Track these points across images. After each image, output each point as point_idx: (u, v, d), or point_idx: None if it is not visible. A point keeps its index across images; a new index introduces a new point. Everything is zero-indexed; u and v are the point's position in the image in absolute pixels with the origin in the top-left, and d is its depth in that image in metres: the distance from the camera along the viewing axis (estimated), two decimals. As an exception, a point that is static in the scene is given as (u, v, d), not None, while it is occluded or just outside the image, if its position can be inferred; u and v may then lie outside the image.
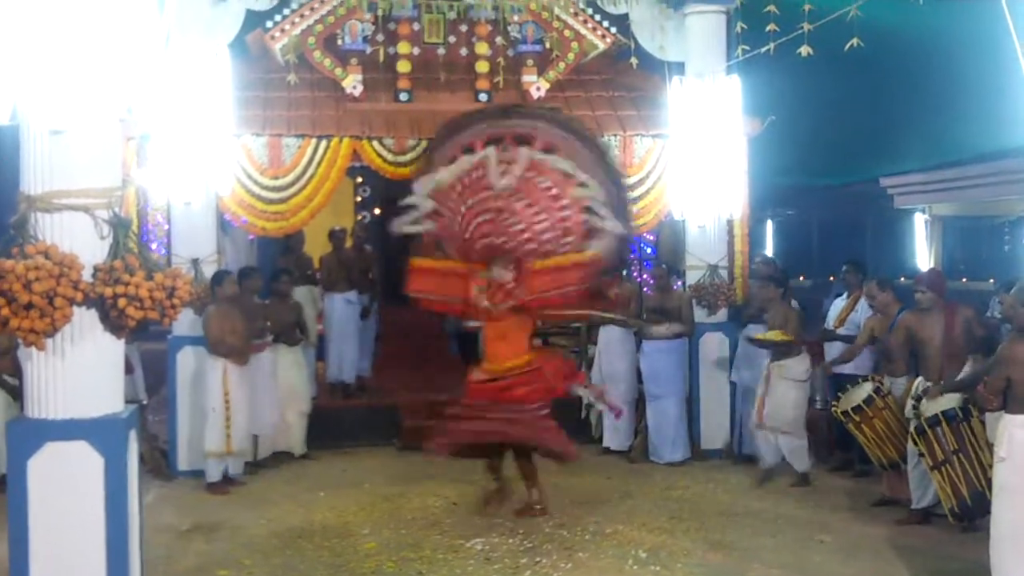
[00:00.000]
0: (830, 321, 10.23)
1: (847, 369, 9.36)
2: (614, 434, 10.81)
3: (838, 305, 10.25)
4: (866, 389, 8.41)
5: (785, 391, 9.20)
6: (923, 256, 15.23)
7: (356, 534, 8.03)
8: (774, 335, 9.31)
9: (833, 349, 10.02)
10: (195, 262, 9.82)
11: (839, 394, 8.82)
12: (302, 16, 10.32)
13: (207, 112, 9.20)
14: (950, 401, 7.38)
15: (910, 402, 7.73)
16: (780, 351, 9.28)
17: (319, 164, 10.13)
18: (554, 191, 8.11)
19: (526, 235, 8.06)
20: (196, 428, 9.54)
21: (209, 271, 9.71)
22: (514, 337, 8.24)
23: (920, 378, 7.95)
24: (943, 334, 7.79)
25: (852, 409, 8.32)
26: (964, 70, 10.22)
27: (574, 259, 8.13)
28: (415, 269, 8.53)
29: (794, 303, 9.95)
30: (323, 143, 10.16)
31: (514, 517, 8.33)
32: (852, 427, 8.47)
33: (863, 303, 9.71)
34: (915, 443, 7.38)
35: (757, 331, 9.91)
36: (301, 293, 11.50)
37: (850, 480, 9.49)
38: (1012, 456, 5.81)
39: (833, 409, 8.68)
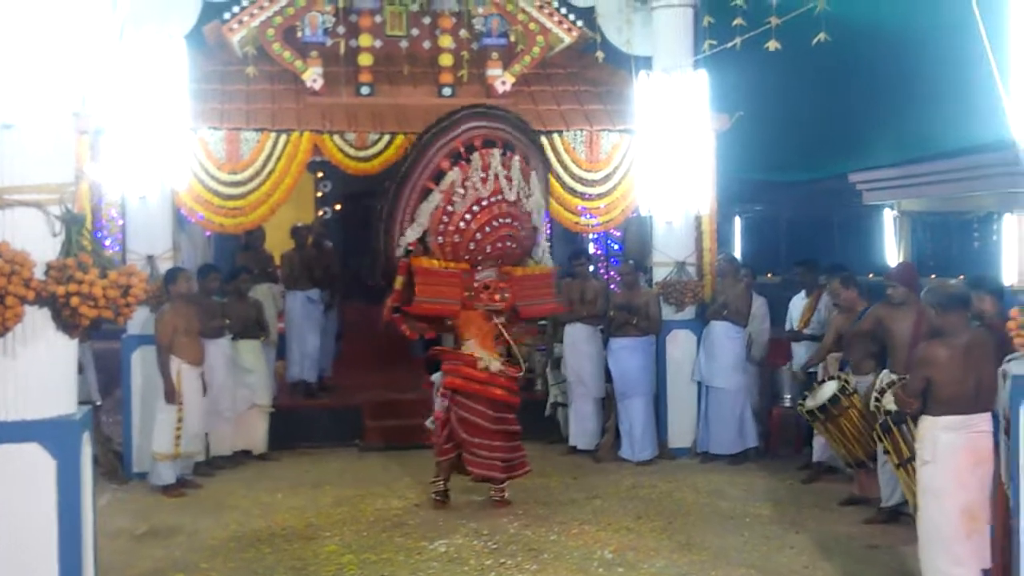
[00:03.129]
0: (793, 321, 10.35)
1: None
2: (581, 433, 10.86)
3: (798, 304, 10.36)
4: (831, 388, 8.49)
5: None
6: (892, 252, 15.33)
7: (318, 536, 8.02)
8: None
9: (800, 349, 10.14)
10: (150, 259, 9.77)
11: (805, 392, 8.91)
12: (260, 7, 10.28)
13: (163, 105, 9.14)
14: None
15: (873, 395, 7.80)
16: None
17: (278, 159, 10.11)
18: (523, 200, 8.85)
19: (528, 242, 8.93)
20: (150, 430, 9.48)
21: (165, 268, 9.67)
22: (490, 340, 8.80)
23: (884, 371, 8.02)
24: (913, 329, 7.83)
25: (818, 408, 8.40)
26: (933, 64, 10.31)
27: (542, 270, 9.17)
28: (422, 271, 8.71)
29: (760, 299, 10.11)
30: (282, 137, 10.13)
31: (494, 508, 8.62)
32: (818, 426, 8.56)
33: (824, 301, 9.82)
34: (880, 440, 7.46)
35: (722, 327, 10.14)
36: (261, 291, 11.46)
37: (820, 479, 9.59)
38: (936, 459, 5.92)
39: (799, 408, 8.76)
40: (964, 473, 5.90)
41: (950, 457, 5.92)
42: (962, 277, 10.08)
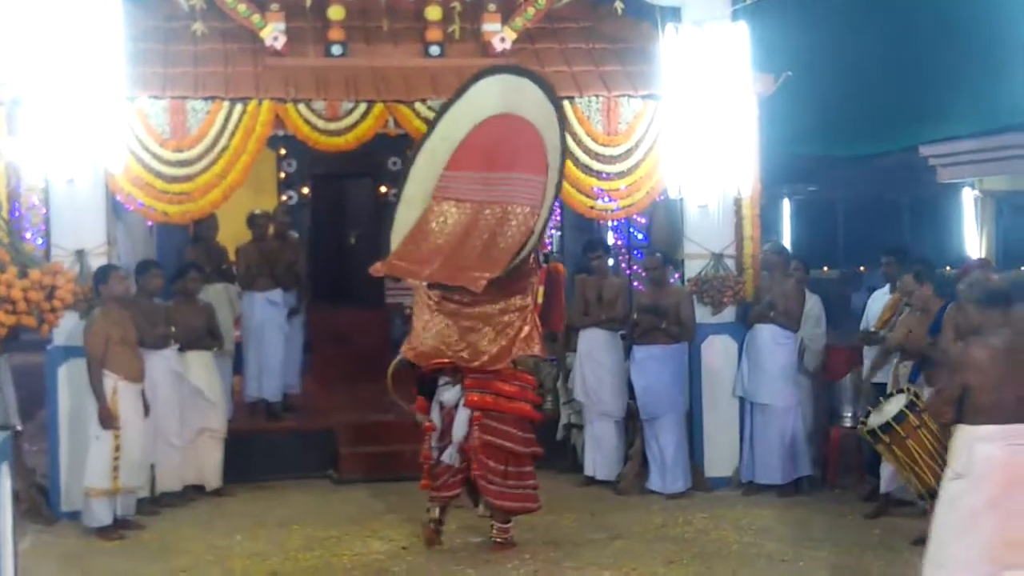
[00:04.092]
0: (870, 321, 10.31)
1: (879, 377, 9.49)
2: (600, 460, 10.87)
3: (879, 301, 10.32)
4: (898, 403, 8.48)
5: None
6: (972, 240, 15.37)
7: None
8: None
9: (874, 355, 10.08)
10: (80, 255, 9.77)
11: (869, 408, 8.91)
12: (210, -50, 10.33)
13: (93, 70, 9.14)
14: None
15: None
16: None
17: (233, 133, 10.12)
18: None
19: None
20: (82, 460, 9.49)
21: (97, 265, 9.67)
22: None
23: None
24: None
25: (880, 428, 8.38)
26: (1019, 17, 10.34)
27: None
28: (559, 285, 9.13)
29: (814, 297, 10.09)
30: (238, 107, 10.14)
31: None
32: (882, 449, 8.54)
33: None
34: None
35: (768, 332, 10.12)
36: (214, 292, 11.47)
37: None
38: (970, 474, 6.07)
39: (860, 428, 8.75)
40: (1000, 494, 6.02)
41: (985, 473, 6.04)
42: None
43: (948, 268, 14.31)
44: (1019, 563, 6.00)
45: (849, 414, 10.71)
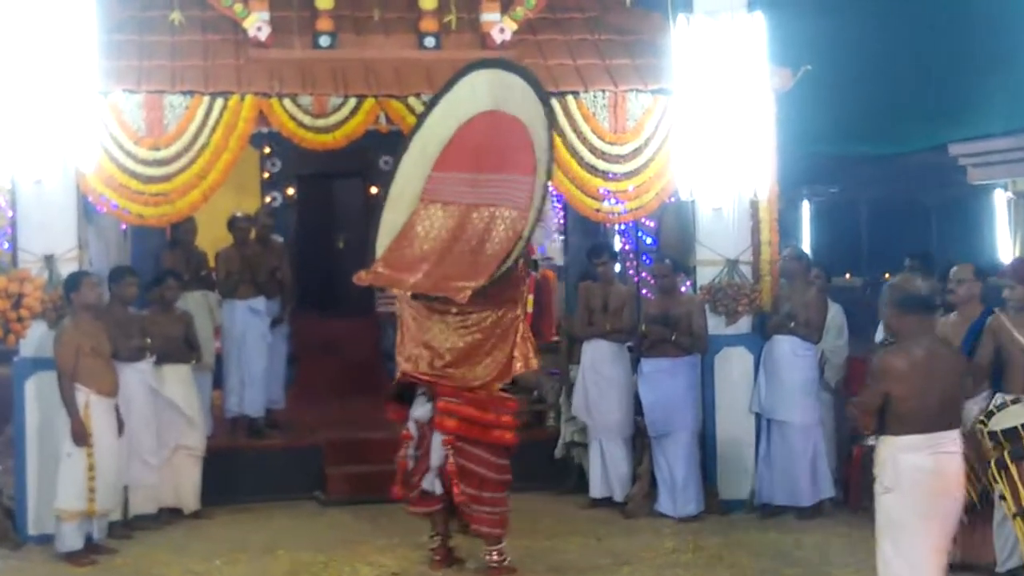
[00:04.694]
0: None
1: None
2: (605, 481, 10.88)
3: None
4: None
5: None
6: (1005, 244, 15.37)
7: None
8: None
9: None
10: (49, 260, 9.77)
11: None
12: (188, -65, 10.36)
13: (63, 62, 9.16)
14: None
15: (979, 418, 7.81)
16: None
17: (213, 130, 10.14)
18: None
19: None
20: (51, 479, 9.50)
21: (68, 272, 9.68)
22: None
23: (999, 395, 8.04)
24: None
25: None
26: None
27: None
28: (549, 291, 9.00)
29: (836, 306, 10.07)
30: (218, 103, 10.16)
31: None
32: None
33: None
34: (995, 481, 7.46)
35: (788, 344, 10.10)
36: (193, 300, 11.48)
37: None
38: (899, 486, 6.34)
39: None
40: (934, 501, 6.31)
41: (914, 483, 6.31)
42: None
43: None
44: (941, 566, 6.37)
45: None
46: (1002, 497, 7.47)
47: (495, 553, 8.81)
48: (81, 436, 9.16)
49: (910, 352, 6.39)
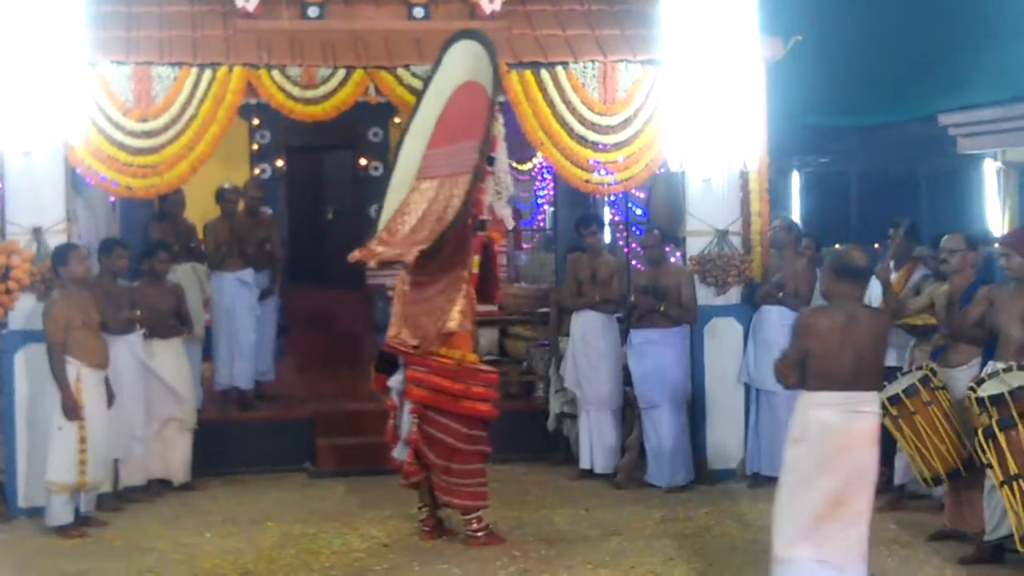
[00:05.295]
0: (875, 300, 10.34)
1: (889, 361, 9.56)
2: (595, 452, 10.91)
3: (882, 278, 10.34)
4: (912, 377, 8.55)
5: None
6: (995, 214, 15.38)
7: (257, 588, 8.08)
8: (921, 318, 9.35)
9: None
10: (37, 232, 9.77)
11: (884, 383, 8.97)
12: (174, -99, 10.32)
13: (51, 33, 9.12)
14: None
15: (969, 385, 7.85)
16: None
17: (201, 102, 10.12)
18: None
19: None
20: (41, 452, 9.50)
21: (56, 244, 9.66)
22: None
23: (991, 363, 8.07)
24: None
25: (888, 399, 8.46)
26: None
27: None
28: (496, 254, 9.33)
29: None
30: (206, 74, 10.14)
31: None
32: (889, 423, 8.59)
33: (919, 274, 9.84)
34: (982, 450, 7.50)
35: (777, 314, 10.10)
36: (182, 272, 11.48)
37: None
38: (806, 439, 6.62)
39: None
40: (835, 455, 6.55)
41: (821, 437, 6.56)
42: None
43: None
44: (837, 516, 6.54)
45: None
46: (989, 466, 7.51)
47: (473, 522, 8.84)
48: (73, 410, 9.16)
49: (832, 313, 6.69)
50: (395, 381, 8.95)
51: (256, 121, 16.07)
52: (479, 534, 8.83)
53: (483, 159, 8.54)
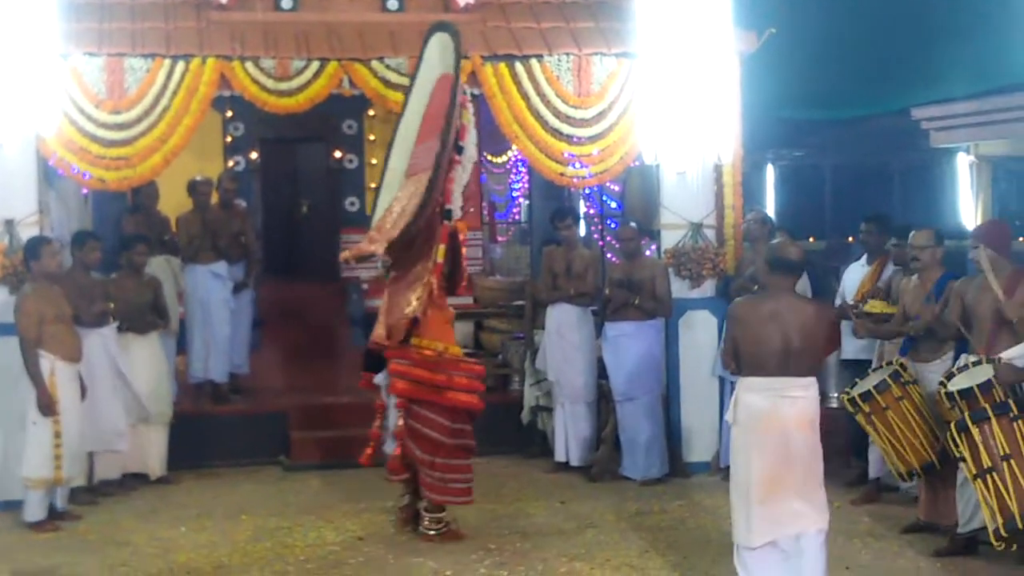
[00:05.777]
0: (848, 294, 10.38)
1: (859, 355, 9.62)
2: (570, 445, 10.92)
3: (857, 272, 10.38)
4: (882, 373, 8.59)
5: None
6: (967, 207, 15.46)
7: (231, 581, 8.06)
8: (879, 305, 9.36)
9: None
10: (9, 225, 9.75)
11: (856, 380, 9.00)
12: None
13: (22, 25, 9.08)
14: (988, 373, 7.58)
15: (940, 379, 7.89)
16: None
17: (174, 94, 10.09)
18: None
19: None
20: (14, 447, 9.47)
21: (28, 237, 9.62)
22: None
23: (963, 356, 8.12)
24: (1005, 300, 7.94)
25: (860, 396, 8.50)
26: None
27: None
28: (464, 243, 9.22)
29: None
30: (180, 66, 10.10)
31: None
32: (861, 420, 8.64)
33: (890, 270, 9.87)
34: (955, 444, 7.54)
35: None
36: (156, 265, 11.42)
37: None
38: (738, 420, 7.02)
39: (842, 397, 8.85)
40: (764, 438, 6.87)
41: (750, 420, 6.92)
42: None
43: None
44: (775, 496, 6.83)
45: (835, 394, 10.77)
46: (962, 459, 7.55)
47: (432, 520, 8.82)
48: (48, 406, 9.11)
49: (756, 303, 7.07)
50: (380, 378, 8.93)
51: (230, 113, 15.99)
52: (431, 532, 8.81)
53: (445, 148, 8.50)
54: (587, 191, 14.59)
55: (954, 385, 7.69)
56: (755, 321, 6.91)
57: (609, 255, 13.18)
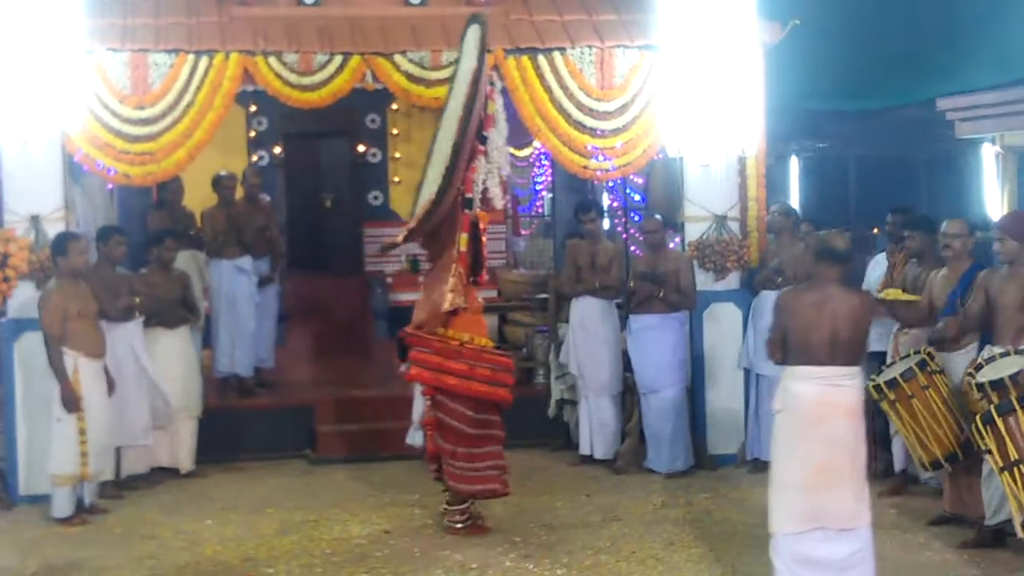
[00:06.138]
0: (871, 285, 10.36)
1: (873, 346, 9.59)
2: (595, 438, 10.91)
3: (881, 265, 10.35)
4: (909, 361, 8.56)
5: None
6: (993, 199, 15.39)
7: (258, 574, 8.06)
8: (895, 293, 9.32)
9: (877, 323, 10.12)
10: (35, 220, 9.77)
11: (882, 367, 8.97)
12: None
13: (48, 21, 9.10)
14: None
15: (967, 371, 7.86)
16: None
17: (198, 89, 10.11)
18: None
19: None
20: (42, 441, 9.50)
21: (54, 232, 9.66)
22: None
23: (988, 348, 8.09)
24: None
25: (886, 383, 8.46)
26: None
27: None
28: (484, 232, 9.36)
29: None
30: (203, 61, 10.13)
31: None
32: (886, 406, 8.61)
33: (915, 262, 9.83)
34: (981, 436, 7.50)
35: (775, 299, 10.07)
36: (182, 260, 11.44)
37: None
38: (787, 408, 7.01)
39: (868, 384, 8.80)
40: (814, 426, 6.89)
41: (797, 408, 6.94)
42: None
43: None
44: (825, 484, 6.87)
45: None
46: (988, 451, 7.51)
47: (451, 513, 8.84)
48: (71, 402, 9.13)
49: (805, 292, 7.14)
50: (405, 367, 8.91)
51: (253, 108, 16.03)
52: (457, 525, 8.81)
53: (464, 137, 8.48)
54: (610, 184, 14.57)
55: (984, 376, 7.66)
56: (803, 311, 6.99)
57: (633, 248, 13.17)
